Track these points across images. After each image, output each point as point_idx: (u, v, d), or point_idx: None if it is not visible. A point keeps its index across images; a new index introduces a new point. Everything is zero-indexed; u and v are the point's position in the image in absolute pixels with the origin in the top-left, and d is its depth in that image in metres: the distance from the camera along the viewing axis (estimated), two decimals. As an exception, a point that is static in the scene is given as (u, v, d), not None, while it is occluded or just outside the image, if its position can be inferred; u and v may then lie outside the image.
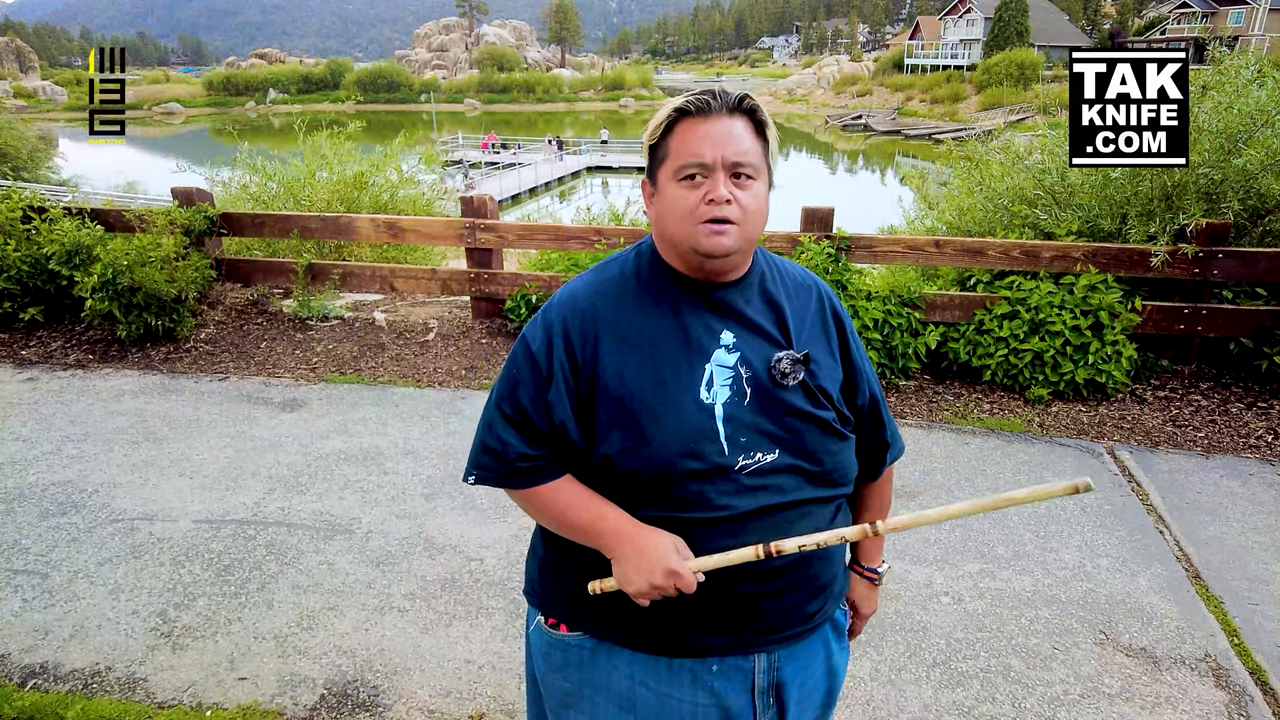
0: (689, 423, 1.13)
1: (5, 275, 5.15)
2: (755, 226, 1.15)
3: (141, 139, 48.91)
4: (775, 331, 1.20)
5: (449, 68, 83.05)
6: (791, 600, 1.22)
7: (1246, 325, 4.28)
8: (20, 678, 2.37)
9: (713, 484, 1.14)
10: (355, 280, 5.62)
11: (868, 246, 4.57)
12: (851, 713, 2.25)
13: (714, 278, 1.18)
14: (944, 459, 3.70)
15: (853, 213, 5.58)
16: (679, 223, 1.14)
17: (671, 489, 1.14)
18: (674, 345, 1.16)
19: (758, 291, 1.22)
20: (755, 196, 1.14)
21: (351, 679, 2.37)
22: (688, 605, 1.17)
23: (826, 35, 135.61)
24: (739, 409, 1.15)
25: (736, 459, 1.14)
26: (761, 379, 1.16)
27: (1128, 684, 2.35)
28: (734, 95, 1.14)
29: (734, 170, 1.12)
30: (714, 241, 1.11)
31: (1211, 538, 3.09)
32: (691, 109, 1.13)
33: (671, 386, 1.15)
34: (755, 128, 1.15)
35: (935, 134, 39.96)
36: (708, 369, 1.16)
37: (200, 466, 3.62)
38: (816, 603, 1.26)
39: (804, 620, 1.24)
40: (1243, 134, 4.21)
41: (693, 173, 1.12)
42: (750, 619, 1.20)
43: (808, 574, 1.22)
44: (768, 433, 1.15)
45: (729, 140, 1.11)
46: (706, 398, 1.15)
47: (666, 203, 1.15)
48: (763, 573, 1.17)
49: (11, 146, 12.51)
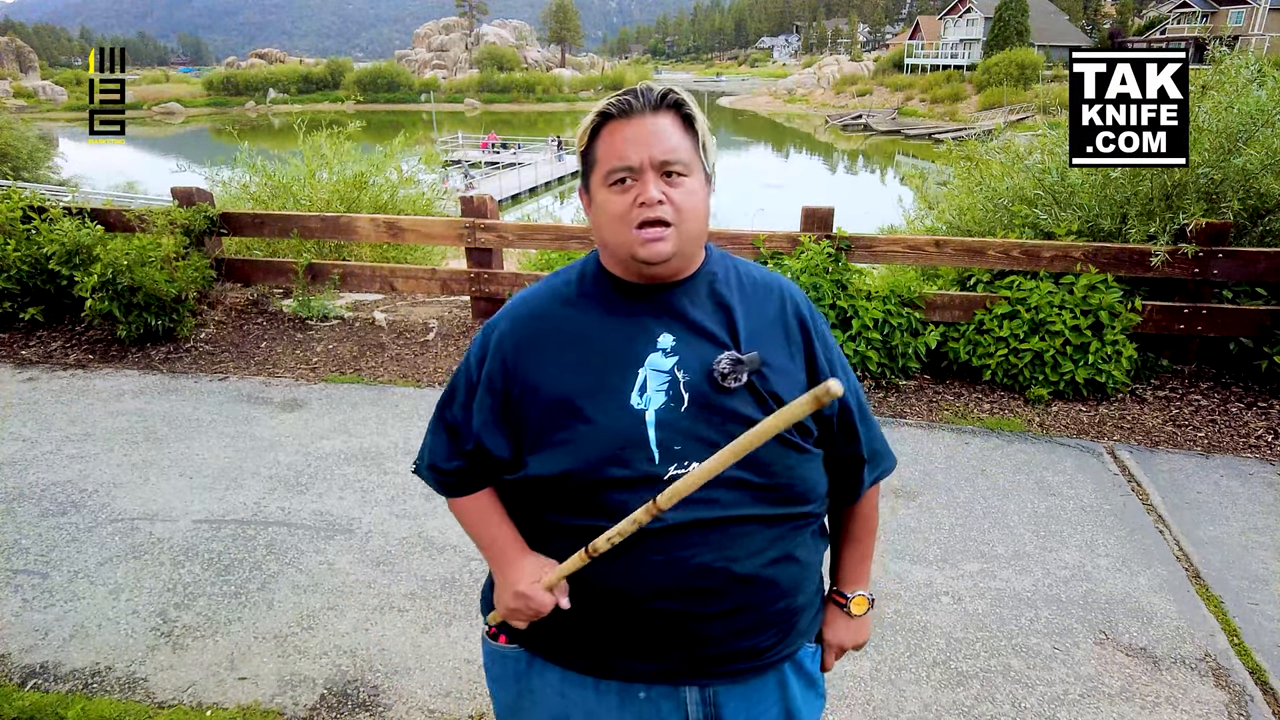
0: (617, 428, 1.08)
1: (5, 275, 5.15)
2: (694, 224, 1.10)
3: (141, 139, 48.90)
4: (722, 333, 1.13)
5: (449, 67, 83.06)
6: (731, 628, 1.12)
7: (1246, 325, 4.28)
8: (20, 678, 2.37)
9: (638, 494, 1.06)
10: (355, 280, 5.62)
11: (868, 246, 4.57)
12: (851, 713, 2.25)
13: (656, 281, 1.14)
14: (944, 459, 3.70)
15: (853, 213, 5.58)
16: (613, 229, 1.10)
17: (596, 496, 1.09)
18: (608, 349, 1.12)
19: (706, 293, 1.16)
20: (689, 193, 1.09)
21: (351, 679, 2.37)
22: (610, 623, 1.12)
23: (826, 35, 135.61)
24: (673, 415, 1.09)
25: (667, 468, 1.07)
26: (701, 384, 1.10)
27: (1128, 684, 2.35)
28: (657, 91, 1.10)
29: (663, 169, 1.08)
30: (651, 249, 1.07)
31: (1211, 538, 3.09)
32: (614, 111, 1.09)
33: (602, 391, 1.10)
34: (683, 122, 1.11)
35: (935, 134, 39.96)
36: (641, 373, 1.10)
37: (200, 466, 3.62)
38: (767, 636, 1.15)
39: (749, 656, 1.14)
40: (1243, 134, 4.21)
41: (621, 176, 1.08)
42: (678, 645, 1.11)
43: (752, 599, 1.12)
44: (706, 440, 1.07)
45: (655, 139, 1.07)
46: (638, 403, 1.09)
47: (599, 209, 1.12)
48: (685, 590, 1.08)
49: (11, 146, 12.51)
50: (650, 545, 1.07)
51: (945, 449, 3.80)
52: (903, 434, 3.96)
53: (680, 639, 1.11)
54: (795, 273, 4.38)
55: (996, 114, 36.55)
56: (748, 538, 1.10)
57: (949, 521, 3.19)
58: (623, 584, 1.09)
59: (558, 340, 1.15)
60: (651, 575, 1.08)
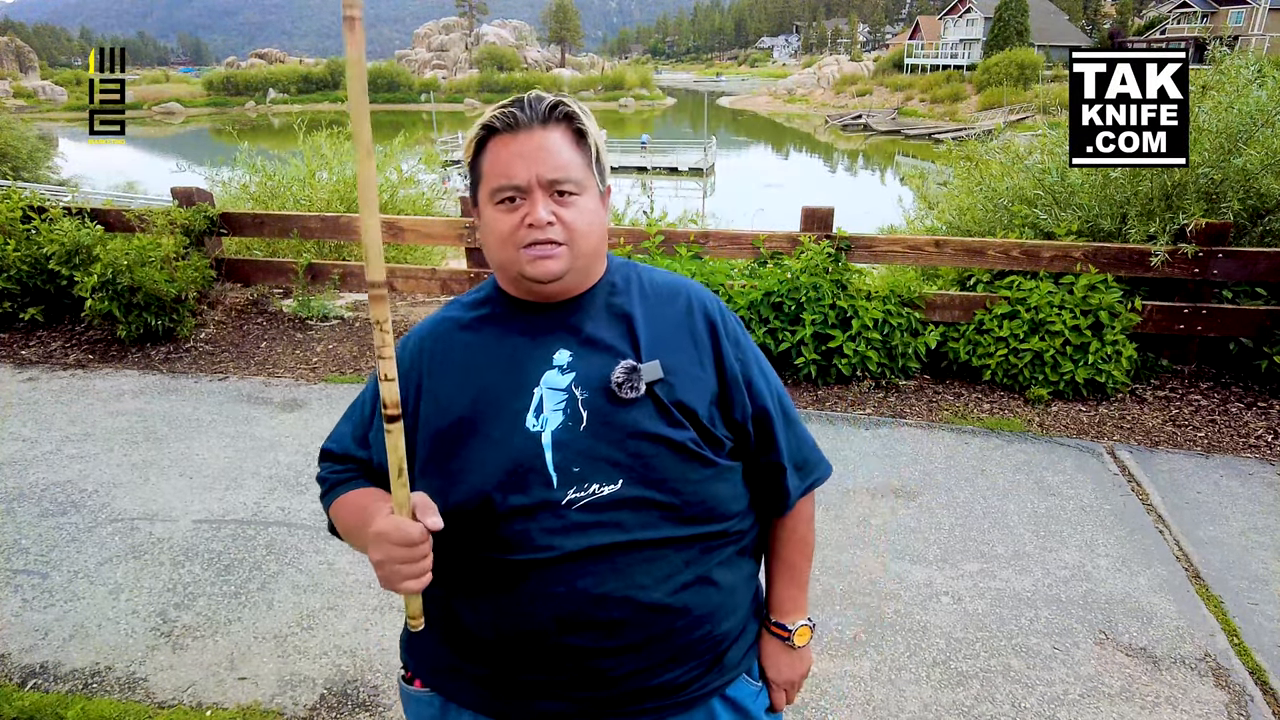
0: (511, 453, 1.02)
1: (5, 275, 5.15)
2: (588, 241, 1.05)
3: (141, 139, 48.89)
4: (623, 344, 1.07)
5: (449, 67, 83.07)
6: (642, 663, 1.03)
7: (1246, 325, 4.28)
8: (20, 678, 2.37)
9: (536, 520, 1.00)
10: (355, 280, 5.62)
11: (868, 246, 4.57)
12: (851, 713, 2.25)
13: (550, 298, 1.09)
14: (944, 459, 3.70)
15: (853, 213, 5.58)
16: (500, 247, 1.04)
17: (495, 528, 1.02)
18: (501, 371, 1.06)
19: (604, 304, 1.10)
20: (580, 212, 1.04)
21: (351, 679, 2.37)
22: (515, 663, 1.04)
23: (826, 35, 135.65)
24: (572, 434, 1.02)
25: (565, 492, 1.00)
26: (599, 399, 1.03)
27: (1128, 684, 2.35)
28: (546, 103, 1.03)
29: (553, 189, 1.02)
30: (540, 267, 1.02)
31: (1211, 537, 3.09)
32: (499, 125, 1.02)
33: (495, 414, 1.04)
34: (575, 136, 1.05)
35: (935, 134, 39.96)
36: (536, 393, 1.04)
37: (200, 466, 3.62)
38: (685, 670, 1.06)
39: (666, 692, 1.05)
40: (1243, 134, 4.21)
41: (509, 195, 1.02)
42: (587, 683, 1.03)
43: (664, 630, 1.03)
44: (607, 459, 1.01)
45: (544, 157, 1.01)
46: (534, 424, 1.03)
47: (487, 228, 1.06)
48: (589, 623, 1.00)
49: (11, 146, 12.50)
50: (549, 576, 1.00)
51: (945, 449, 3.80)
52: (903, 434, 3.96)
53: (589, 677, 1.03)
54: (795, 273, 4.38)
55: (996, 114, 36.55)
56: (654, 563, 1.02)
57: (949, 521, 3.19)
58: (525, 621, 1.02)
59: (451, 364, 1.09)
60: (553, 609, 1.01)
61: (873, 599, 2.72)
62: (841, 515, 3.23)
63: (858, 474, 3.55)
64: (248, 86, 74.25)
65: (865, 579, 2.83)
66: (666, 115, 68.91)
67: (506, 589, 1.02)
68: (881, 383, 4.48)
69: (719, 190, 29.54)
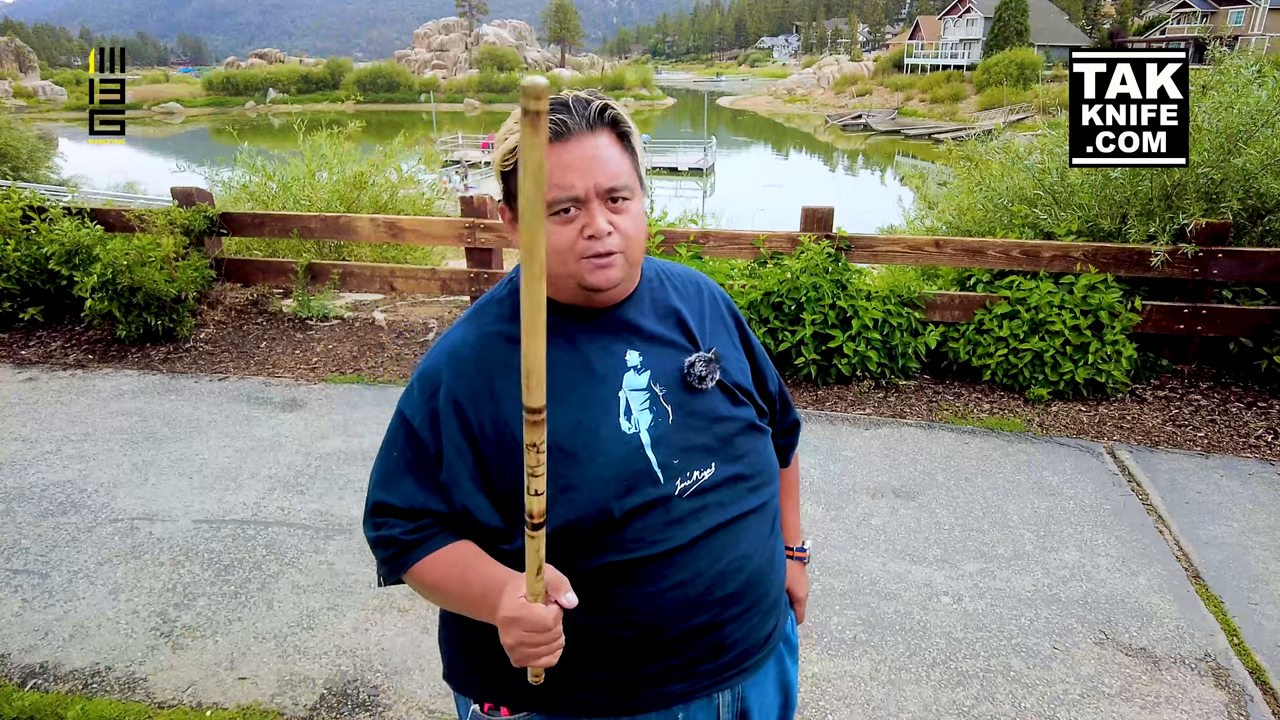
0: (617, 459, 1.02)
1: (5, 275, 5.15)
2: (638, 247, 1.05)
3: (141, 139, 48.89)
4: (680, 337, 1.11)
5: (449, 67, 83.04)
6: (748, 626, 1.12)
7: (1246, 325, 4.28)
8: (20, 678, 2.37)
9: (651, 517, 1.03)
10: (355, 280, 5.62)
11: (868, 246, 4.56)
12: (851, 713, 2.25)
13: (604, 304, 1.08)
14: (944, 459, 3.70)
15: (853, 213, 5.58)
16: (558, 260, 1.01)
17: (615, 532, 1.02)
18: (579, 381, 1.04)
19: (649, 302, 1.12)
20: (634, 218, 1.03)
21: (351, 679, 2.37)
22: (638, 657, 1.05)
23: (826, 35, 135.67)
24: (664, 430, 1.05)
25: (674, 484, 1.04)
26: (678, 391, 1.07)
27: (1128, 684, 2.35)
28: (593, 107, 1.00)
29: (609, 197, 1.00)
30: (602, 276, 1.01)
31: (1211, 537, 3.09)
32: (549, 132, 0.98)
33: (588, 425, 1.03)
34: (620, 139, 1.03)
35: (935, 134, 39.96)
36: (621, 397, 1.05)
37: (200, 466, 3.62)
38: (770, 622, 1.17)
39: (762, 645, 1.16)
40: (1243, 134, 4.21)
41: (565, 206, 0.99)
42: (711, 654, 1.09)
43: (760, 591, 1.13)
44: (700, 447, 1.06)
45: (598, 165, 0.98)
46: (628, 427, 1.04)
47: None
48: (719, 599, 1.07)
49: (11, 146, 12.50)
50: (674, 564, 1.04)
51: (945, 449, 3.80)
52: (903, 434, 3.96)
53: (714, 649, 1.09)
54: (795, 273, 4.38)
55: (996, 114, 36.56)
56: (750, 531, 1.11)
57: (949, 521, 3.19)
58: (656, 614, 1.04)
59: (517, 382, 1.03)
60: (682, 595, 1.04)
61: (873, 599, 2.72)
62: (841, 515, 3.23)
63: (858, 474, 3.55)
64: (247, 86, 74.23)
65: (865, 579, 2.83)
66: (666, 115, 68.91)
67: (633, 587, 1.03)
68: (881, 383, 4.48)
69: (719, 190, 29.53)
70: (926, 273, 4.98)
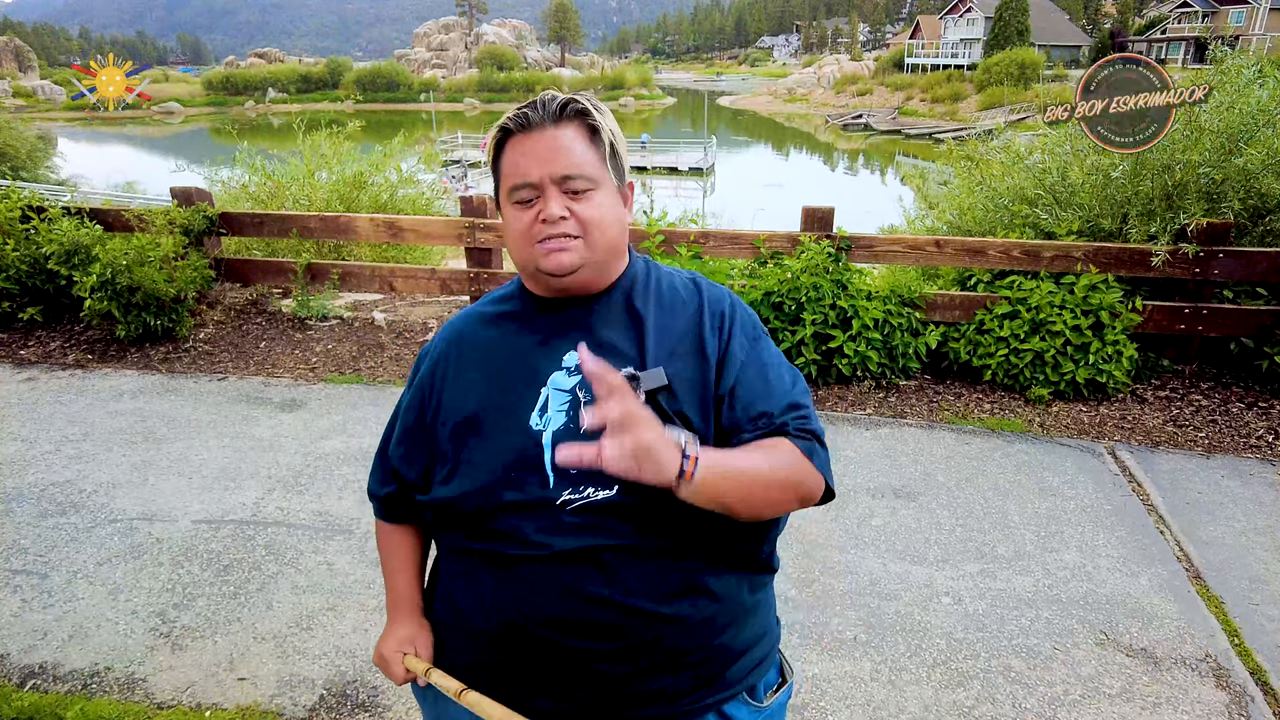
0: (512, 449, 1.04)
1: (4, 275, 5.14)
2: (605, 236, 1.06)
3: (141, 138, 48.88)
4: (630, 349, 1.07)
5: (448, 67, 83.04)
6: (635, 667, 1.02)
7: (1247, 325, 4.27)
8: (20, 678, 2.36)
9: (531, 517, 1.01)
10: (354, 280, 5.62)
11: (868, 246, 4.56)
12: (851, 713, 2.25)
13: (568, 294, 1.10)
14: (944, 459, 3.70)
15: (853, 212, 5.57)
16: (518, 245, 1.07)
17: (489, 520, 1.04)
18: (514, 368, 1.09)
19: (622, 306, 1.11)
20: (596, 206, 1.05)
21: (351, 679, 2.37)
22: (504, 655, 1.06)
23: (827, 34, 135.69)
24: (571, 437, 1.02)
25: (561, 493, 1.01)
26: None
27: (1128, 684, 2.35)
28: (558, 101, 1.05)
29: (565, 186, 1.04)
30: (554, 260, 1.04)
31: (1212, 538, 3.09)
32: (512, 125, 1.05)
33: (502, 409, 1.07)
34: (589, 133, 1.06)
35: (935, 133, 39.95)
36: (544, 393, 1.06)
37: (199, 466, 3.61)
38: (679, 679, 1.04)
39: (662, 700, 1.04)
40: (1244, 133, 4.20)
41: (523, 195, 1.05)
42: (583, 684, 1.02)
43: (655, 634, 1.02)
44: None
45: (556, 155, 1.03)
46: (536, 423, 1.05)
47: (505, 226, 1.09)
48: (589, 623, 1.00)
49: (10, 146, 12.50)
50: (540, 572, 1.01)
51: (945, 449, 3.80)
52: (903, 434, 3.95)
53: (582, 678, 1.02)
54: (795, 273, 4.38)
55: (997, 113, 36.51)
56: (644, 568, 1.01)
57: (949, 521, 3.19)
58: (516, 615, 1.03)
59: (471, 359, 1.13)
60: (542, 605, 1.01)
61: (873, 599, 2.72)
62: (841, 515, 3.22)
63: (858, 474, 3.54)
64: (247, 86, 74.20)
65: (865, 579, 2.82)
66: (666, 115, 68.88)
67: (500, 581, 1.04)
68: (882, 383, 4.47)
69: (719, 190, 29.51)
70: (927, 273, 4.98)
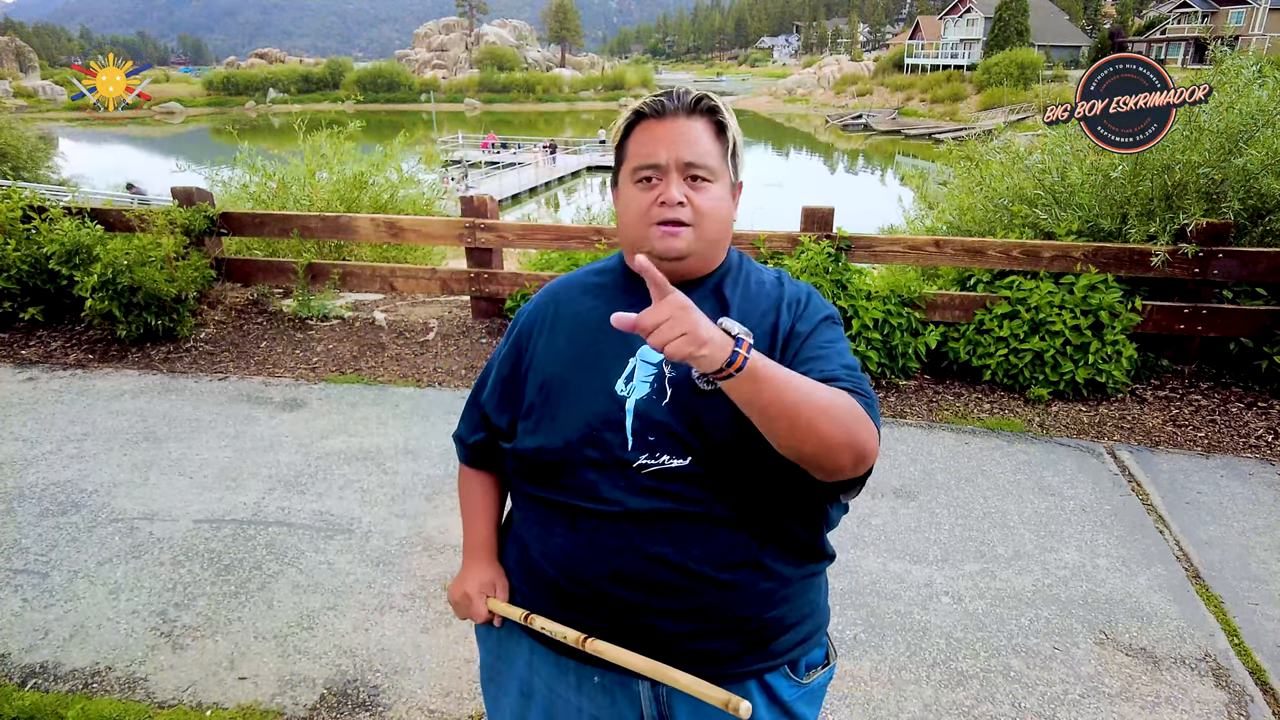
0: (597, 410, 1.10)
1: (5, 275, 5.15)
2: (713, 228, 1.12)
3: (141, 139, 48.88)
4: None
5: (449, 67, 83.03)
6: (689, 627, 1.08)
7: (1246, 325, 4.28)
8: (20, 678, 2.37)
9: (607, 476, 1.08)
10: (355, 280, 5.62)
11: (868, 246, 4.56)
12: (851, 713, 2.25)
13: (669, 277, 1.13)
14: (944, 459, 3.70)
15: (853, 212, 5.57)
16: (633, 223, 1.13)
17: (567, 474, 1.11)
18: (606, 337, 1.13)
19: (711, 292, 1.17)
20: (711, 198, 1.11)
21: (351, 679, 2.37)
22: (563, 602, 1.13)
23: (826, 35, 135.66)
24: (653, 406, 1.09)
25: (638, 456, 1.08)
26: (684, 381, 1.09)
27: (1128, 684, 2.35)
28: (692, 95, 1.12)
29: (688, 172, 1.10)
30: (666, 243, 1.10)
31: (1211, 537, 3.09)
32: (648, 110, 1.12)
33: (591, 373, 1.13)
34: (715, 129, 1.12)
35: (935, 133, 39.95)
36: (631, 362, 1.12)
37: (200, 466, 3.62)
38: (728, 645, 1.10)
39: (713, 661, 1.09)
40: (1243, 134, 4.20)
41: (647, 174, 1.11)
42: (641, 638, 1.08)
43: (711, 599, 1.08)
44: (681, 437, 1.07)
45: (684, 142, 1.09)
46: (622, 390, 1.11)
47: (623, 203, 1.15)
48: (651, 581, 1.07)
49: (11, 146, 12.52)
50: (609, 528, 1.08)
51: (945, 449, 3.80)
52: (903, 434, 3.95)
53: (641, 632, 1.08)
54: (795, 273, 4.38)
55: (997, 114, 36.53)
56: (709, 537, 1.08)
57: (949, 521, 3.19)
58: (582, 566, 1.10)
59: (567, 324, 1.20)
60: (609, 559, 1.08)
61: (873, 599, 2.72)
62: (841, 515, 3.22)
63: (858, 474, 3.54)
64: (248, 86, 74.25)
65: (865, 579, 2.83)
66: (666, 115, 68.64)
67: (571, 532, 1.11)
68: (881, 383, 4.47)
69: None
70: (926, 273, 4.98)
